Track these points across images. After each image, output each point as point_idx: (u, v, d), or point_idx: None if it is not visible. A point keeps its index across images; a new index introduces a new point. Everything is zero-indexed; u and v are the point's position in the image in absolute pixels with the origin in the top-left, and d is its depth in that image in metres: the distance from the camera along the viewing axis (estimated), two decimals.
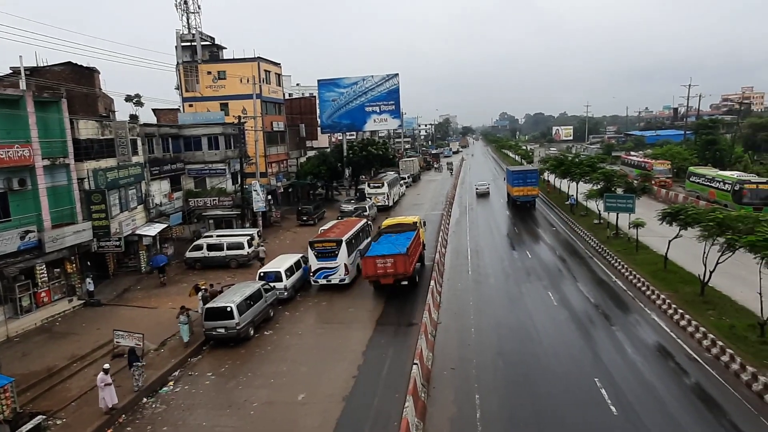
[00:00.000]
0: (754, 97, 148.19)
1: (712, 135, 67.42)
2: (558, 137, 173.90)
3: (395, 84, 63.24)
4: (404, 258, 24.64)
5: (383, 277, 24.89)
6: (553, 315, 22.40)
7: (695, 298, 22.26)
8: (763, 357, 16.60)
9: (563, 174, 49.24)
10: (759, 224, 19.81)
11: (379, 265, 24.76)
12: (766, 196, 39.79)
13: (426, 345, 18.58)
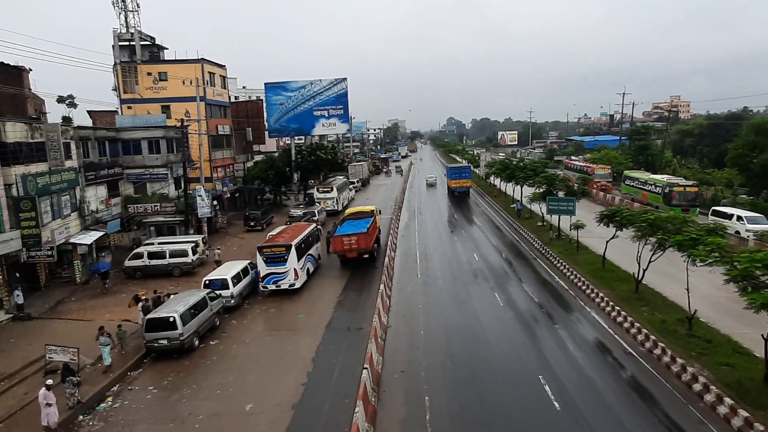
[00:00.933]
0: (681, 106, 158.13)
1: (645, 141, 71.39)
2: (503, 142, 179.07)
3: (344, 88, 63.15)
4: (365, 236, 30.69)
5: (348, 251, 30.71)
6: (500, 315, 22.97)
7: (631, 295, 23.44)
8: (690, 349, 17.69)
9: (508, 178, 50.73)
10: (685, 225, 21.15)
11: (345, 242, 30.53)
12: (693, 198, 42.55)
13: (376, 349, 18.59)
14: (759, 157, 42.45)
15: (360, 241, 30.44)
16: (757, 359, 16.33)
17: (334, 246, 31.35)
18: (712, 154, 69.34)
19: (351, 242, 30.49)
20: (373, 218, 34.76)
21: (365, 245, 30.61)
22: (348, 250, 30.60)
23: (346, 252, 30.77)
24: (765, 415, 13.56)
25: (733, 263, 15.96)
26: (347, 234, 30.93)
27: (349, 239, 30.53)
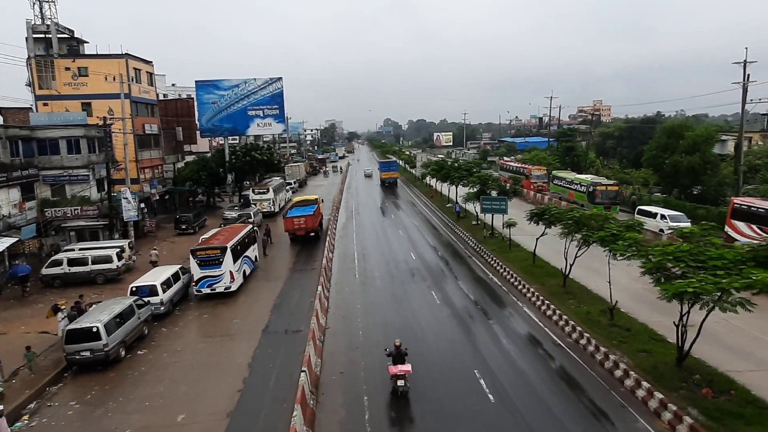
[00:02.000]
0: (603, 110, 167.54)
1: (571, 142, 75.11)
2: (439, 143, 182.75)
3: (279, 88, 62.10)
4: (312, 217, 37.88)
5: (298, 230, 37.43)
6: (437, 313, 23.40)
7: (559, 289, 24.60)
8: (612, 338, 18.81)
9: (444, 178, 51.81)
10: (607, 221, 22.49)
11: (295, 222, 37.34)
12: (614, 196, 45.28)
13: (314, 351, 18.40)
14: (670, 158, 45.80)
15: (308, 222, 37.44)
16: (670, 344, 17.60)
17: (286, 226, 37.75)
18: (631, 155, 74.09)
19: (300, 222, 37.29)
20: (317, 205, 41.40)
21: (312, 225, 37.76)
22: (298, 228, 37.44)
23: (296, 230, 37.52)
24: (677, 396, 14.65)
25: (648, 256, 17.14)
26: (297, 216, 37.65)
27: (299, 220, 37.33)
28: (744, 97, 42.73)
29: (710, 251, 15.91)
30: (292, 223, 37.46)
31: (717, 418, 13.51)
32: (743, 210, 30.59)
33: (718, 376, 15.79)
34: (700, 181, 45.05)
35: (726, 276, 14.07)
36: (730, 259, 15.20)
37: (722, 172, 46.08)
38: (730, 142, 57.06)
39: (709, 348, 17.11)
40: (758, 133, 67.48)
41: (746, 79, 41.92)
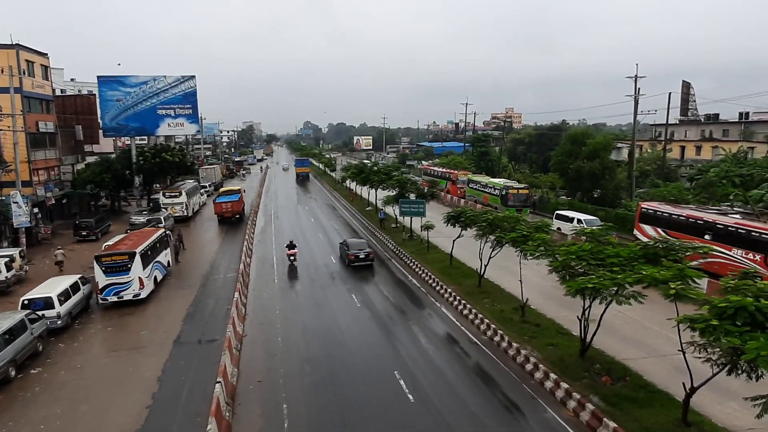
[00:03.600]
0: (514, 117, 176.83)
1: (485, 147, 78.47)
2: (359, 146, 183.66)
3: (192, 86, 59.32)
4: (236, 203, 47.68)
5: (226, 213, 46.85)
6: (357, 316, 23.41)
7: (474, 289, 25.53)
8: (523, 334, 19.81)
9: (363, 181, 52.09)
10: (518, 223, 23.68)
11: (224, 207, 46.90)
12: (525, 199, 47.83)
13: (230, 361, 17.72)
14: (574, 163, 49.24)
15: (233, 206, 47.15)
16: (574, 337, 18.80)
17: (215, 209, 47.39)
18: (540, 160, 78.70)
19: (228, 207, 46.89)
20: (240, 194, 49.86)
21: (236, 209, 47.48)
22: (225, 211, 46.87)
23: (224, 213, 46.92)
24: (581, 385, 15.69)
25: (555, 256, 18.25)
26: (225, 201, 47.22)
27: (226, 205, 46.95)
28: (635, 109, 46.83)
29: (608, 250, 17.25)
30: (221, 207, 47.02)
31: (614, 403, 14.62)
32: (650, 214, 32.20)
33: (615, 364, 17.10)
34: (600, 185, 48.83)
35: (621, 272, 15.29)
36: (625, 256, 16.54)
37: (618, 177, 50.26)
38: (624, 150, 62.33)
39: (607, 339, 18.47)
40: (647, 142, 74.31)
41: (637, 93, 45.94)
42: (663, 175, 51.80)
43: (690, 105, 77.78)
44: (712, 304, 11.23)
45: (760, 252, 24.49)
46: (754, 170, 41.87)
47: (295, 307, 24.74)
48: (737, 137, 67.21)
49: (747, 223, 26.15)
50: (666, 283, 13.56)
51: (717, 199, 37.41)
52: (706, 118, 75.18)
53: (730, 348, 10.43)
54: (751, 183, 39.46)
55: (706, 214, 28.82)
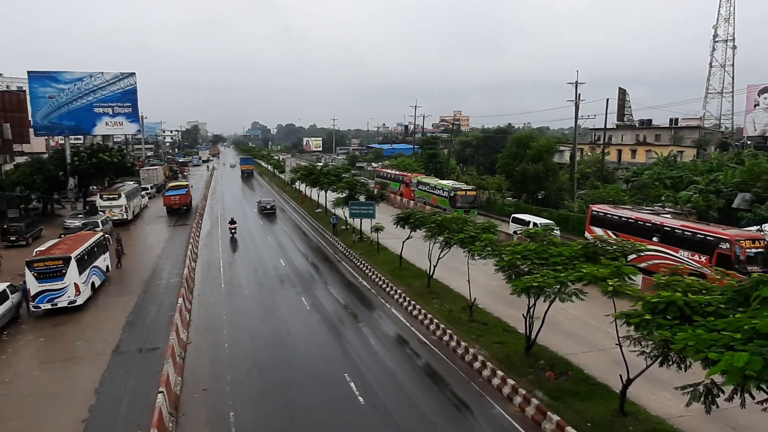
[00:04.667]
0: (462, 120, 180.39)
1: (434, 149, 79.65)
2: (308, 148, 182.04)
3: (132, 84, 56.82)
4: (184, 196, 53.30)
5: (174, 204, 51.93)
6: (307, 319, 23.13)
7: (424, 290, 25.80)
8: (471, 332, 20.19)
9: (313, 183, 51.64)
10: (466, 224, 24.12)
11: (172, 199, 52.04)
12: (472, 201, 48.82)
13: (174, 369, 17.06)
14: (519, 165, 50.75)
15: (181, 199, 52.68)
16: (520, 335, 19.34)
17: (164, 201, 52.56)
18: (487, 163, 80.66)
19: (176, 199, 52.20)
20: (188, 188, 56.20)
21: (184, 201, 53.08)
22: (174, 203, 52.04)
23: (173, 204, 51.98)
24: (526, 381, 16.15)
25: (501, 255, 18.73)
26: (174, 194, 52.65)
27: (175, 197, 52.27)
28: (576, 114, 48.82)
29: (551, 249, 17.87)
30: (170, 199, 52.14)
31: (558, 397, 15.14)
32: (600, 217, 32.67)
33: (558, 359, 17.72)
34: (544, 187, 50.57)
35: (564, 271, 15.88)
36: (567, 255, 17.20)
37: (561, 179, 52.24)
38: (566, 152, 64.98)
39: (551, 335, 19.10)
40: (588, 145, 77.77)
41: (578, 98, 47.90)
42: (602, 177, 54.34)
43: (626, 111, 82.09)
44: (646, 300, 11.82)
45: (706, 253, 25.10)
46: (682, 173, 44.73)
47: (243, 312, 24.17)
48: (668, 142, 71.48)
49: (693, 226, 26.89)
50: (605, 280, 14.19)
51: (650, 200, 39.63)
52: (641, 124, 79.54)
53: (661, 340, 11.01)
54: (680, 184, 42.10)
55: (655, 217, 29.43)
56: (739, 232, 26.22)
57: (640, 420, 13.94)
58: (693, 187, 39.21)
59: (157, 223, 47.22)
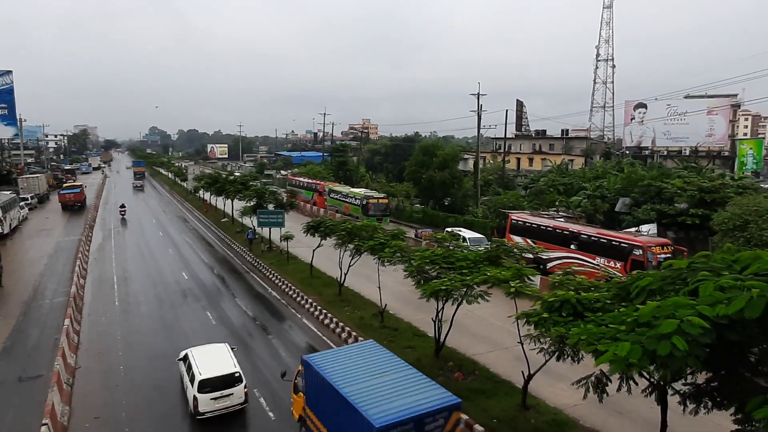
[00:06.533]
0: (371, 128, 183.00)
1: (343, 157, 79.76)
2: (213, 155, 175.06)
3: (8, 83, 51.48)
4: (79, 194, 59.04)
5: (69, 201, 56.87)
6: (213, 335, 21.96)
7: (335, 298, 25.62)
8: (383, 338, 20.27)
9: (218, 192, 49.61)
10: (376, 232, 24.34)
11: (68, 196, 57.25)
12: (384, 208, 49.45)
13: (60, 398, 15.46)
14: (426, 173, 52.32)
15: (76, 197, 58.18)
16: (429, 338, 19.80)
17: (60, 199, 57.88)
18: (395, 170, 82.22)
19: (71, 196, 57.55)
20: (82, 188, 62.10)
21: (79, 198, 58.63)
22: (69, 200, 57.11)
23: (68, 201, 56.97)
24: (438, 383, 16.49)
25: (410, 261, 19.08)
26: (69, 192, 58.08)
27: (70, 195, 57.68)
28: (479, 124, 51.36)
29: (457, 254, 18.51)
30: (65, 197, 57.33)
31: (466, 396, 15.55)
32: (519, 225, 33.06)
33: (466, 360, 18.36)
34: (450, 194, 52.52)
35: (470, 274, 16.49)
36: (472, 259, 17.89)
37: (465, 186, 54.55)
38: (470, 161, 68.02)
39: (459, 337, 19.74)
40: (490, 153, 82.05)
41: (480, 109, 50.41)
42: (503, 184, 57.49)
43: (523, 121, 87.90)
44: (544, 300, 12.58)
45: (620, 260, 26.09)
46: (573, 180, 48.55)
47: (141, 331, 22.49)
48: (560, 151, 77.42)
49: (608, 233, 28.00)
50: (507, 282, 14.94)
51: (546, 205, 42.53)
52: (536, 134, 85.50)
53: (557, 336, 11.77)
54: (571, 190, 45.63)
55: (572, 225, 30.42)
56: (650, 239, 27.35)
57: (540, 412, 14.79)
58: (582, 193, 42.69)
59: (39, 236, 42.76)
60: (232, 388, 14.90)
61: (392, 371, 12.05)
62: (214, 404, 14.60)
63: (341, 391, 11.04)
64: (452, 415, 10.83)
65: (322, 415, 12.12)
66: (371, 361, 12.58)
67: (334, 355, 13.33)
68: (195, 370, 15.06)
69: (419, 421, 10.31)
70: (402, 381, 11.62)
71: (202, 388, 14.57)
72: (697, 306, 7.49)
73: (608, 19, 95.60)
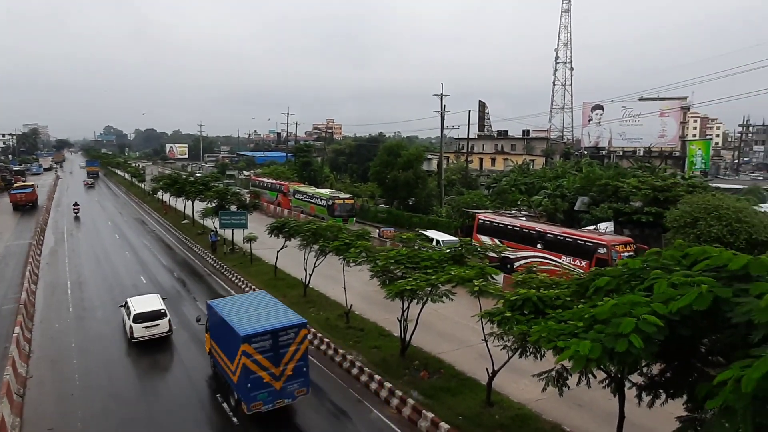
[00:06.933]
0: (335, 128, 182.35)
1: (307, 157, 79.11)
2: (173, 155, 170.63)
3: None
4: (31, 194, 59.63)
5: (21, 201, 57.77)
6: (174, 340, 21.43)
7: (300, 299, 25.38)
8: (348, 339, 20.31)
9: (178, 193, 48.41)
10: (341, 232, 24.26)
11: (19, 196, 57.99)
12: (350, 209, 49.26)
13: (10, 409, 14.75)
14: (390, 173, 52.47)
15: (27, 196, 58.71)
16: (395, 338, 19.85)
17: (11, 198, 58.06)
18: (359, 170, 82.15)
19: (23, 196, 58.15)
20: (34, 188, 62.00)
21: (31, 198, 59.20)
22: (20, 200, 57.71)
23: (19, 201, 57.51)
24: (402, 383, 16.62)
25: (376, 261, 19.10)
26: (20, 192, 58.79)
27: (22, 195, 58.29)
28: (442, 124, 51.87)
29: (422, 253, 18.65)
30: (16, 197, 58.00)
31: (431, 395, 15.79)
32: (486, 225, 32.98)
33: (432, 359, 18.51)
34: (414, 193, 52.83)
35: (434, 273, 16.64)
36: (437, 259, 18.08)
37: (429, 186, 55.00)
38: (434, 161, 68.55)
39: (425, 336, 19.87)
40: (453, 153, 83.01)
41: (443, 109, 50.92)
42: (466, 184, 58.26)
43: (486, 122, 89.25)
44: (506, 298, 12.82)
45: (586, 258, 26.44)
46: (534, 179, 49.64)
47: (97, 338, 21.69)
48: (522, 151, 79.04)
49: (573, 232, 28.44)
50: (471, 281, 15.14)
51: (508, 204, 43.34)
52: (498, 134, 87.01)
53: (520, 334, 12.02)
54: (533, 190, 46.63)
55: (539, 225, 30.70)
56: (614, 237, 27.91)
57: (504, 408, 15.06)
58: (543, 192, 43.67)
59: None
60: (159, 320, 20.36)
61: (266, 307, 16.46)
62: (145, 332, 20.09)
63: (227, 319, 15.35)
64: (301, 330, 15.13)
65: (218, 341, 16.54)
66: (255, 303, 17.07)
67: (231, 300, 19.04)
68: (131, 308, 20.52)
69: (275, 334, 14.58)
70: (270, 311, 16.04)
71: (136, 320, 20.02)
72: (651, 303, 7.78)
73: (566, 24, 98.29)
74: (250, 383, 14.18)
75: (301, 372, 15.10)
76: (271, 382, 14.50)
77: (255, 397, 14.31)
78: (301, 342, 15.08)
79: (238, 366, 14.29)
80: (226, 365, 15.55)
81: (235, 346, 14.44)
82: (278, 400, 14.73)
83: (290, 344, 14.84)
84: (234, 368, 14.71)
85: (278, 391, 14.67)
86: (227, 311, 15.98)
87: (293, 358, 14.91)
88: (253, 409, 14.34)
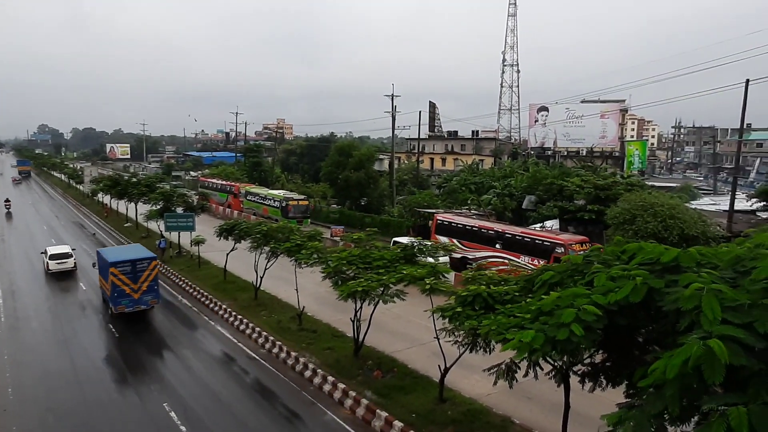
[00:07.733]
0: (286, 128, 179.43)
1: (258, 158, 77.60)
2: (114, 155, 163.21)
3: None
4: None
5: None
6: (117, 348, 20.55)
7: (251, 302, 24.89)
8: (301, 341, 20.07)
9: (120, 195, 46.43)
10: (293, 233, 23.94)
11: None
12: (305, 210, 48.70)
13: None
14: (342, 173, 52.30)
15: None
16: (348, 339, 19.78)
17: None
18: (311, 171, 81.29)
19: None
20: None
21: None
22: None
23: None
24: (356, 383, 16.59)
25: (328, 262, 18.96)
26: None
27: None
28: (393, 124, 52.19)
29: (374, 253, 18.67)
30: None
31: (385, 394, 15.84)
32: (445, 225, 32.85)
33: (385, 358, 18.56)
34: (366, 194, 52.88)
35: (386, 273, 16.70)
36: (389, 259, 18.15)
37: (381, 186, 55.20)
38: (385, 161, 68.92)
39: (378, 336, 19.90)
40: (404, 154, 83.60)
41: (394, 110, 51.22)
42: (417, 184, 58.85)
43: (436, 122, 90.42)
44: (458, 294, 13.04)
45: (544, 258, 26.49)
46: (484, 179, 50.75)
47: (33, 349, 20.46)
48: (471, 151, 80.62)
49: (531, 232, 28.85)
50: (422, 279, 15.30)
51: (459, 203, 44.11)
52: (448, 135, 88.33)
53: (470, 329, 12.25)
54: (482, 189, 47.65)
55: (497, 225, 30.84)
56: (571, 236, 28.58)
57: (456, 403, 15.30)
58: (492, 191, 44.73)
59: None
60: (67, 259, 31.15)
61: (133, 251, 25.49)
62: (57, 266, 30.61)
63: (105, 257, 23.68)
64: (152, 262, 23.19)
65: (102, 273, 24.47)
66: (129, 249, 28.63)
67: (112, 248, 31.91)
68: (48, 252, 31.45)
69: (133, 263, 22.57)
70: (133, 251, 25.15)
71: (52, 258, 30.79)
72: (592, 295, 8.14)
73: (513, 27, 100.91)
74: (116, 293, 22.12)
75: (152, 289, 22.96)
76: (131, 294, 22.31)
77: (120, 302, 22.14)
78: (152, 270, 22.94)
79: (109, 282, 22.16)
80: (104, 286, 23.74)
81: (107, 271, 22.44)
82: (137, 306, 22.58)
83: (144, 270, 22.58)
84: (108, 286, 22.57)
85: (136, 300, 22.46)
86: (107, 253, 24.70)
87: (147, 278, 22.65)
88: (118, 310, 22.27)
